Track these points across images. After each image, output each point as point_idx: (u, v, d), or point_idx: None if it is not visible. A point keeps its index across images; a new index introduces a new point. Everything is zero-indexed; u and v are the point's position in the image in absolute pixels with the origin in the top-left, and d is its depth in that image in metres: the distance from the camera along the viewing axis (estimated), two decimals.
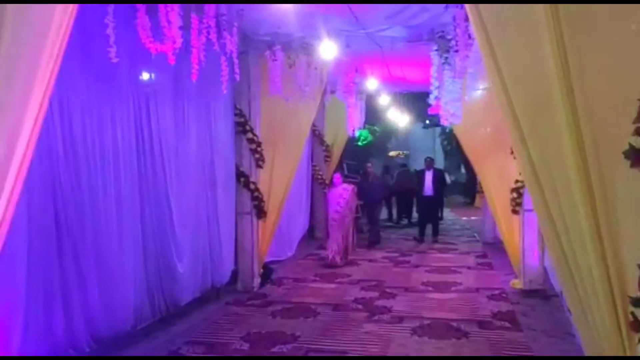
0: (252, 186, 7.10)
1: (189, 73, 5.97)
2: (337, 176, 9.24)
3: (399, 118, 12.39)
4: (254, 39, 6.40)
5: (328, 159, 11.69)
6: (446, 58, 5.67)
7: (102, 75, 4.53)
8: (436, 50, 5.84)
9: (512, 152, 6.58)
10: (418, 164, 21.19)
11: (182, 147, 5.95)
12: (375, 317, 5.91)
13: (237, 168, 7.13)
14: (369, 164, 11.63)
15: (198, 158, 6.34)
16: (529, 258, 6.51)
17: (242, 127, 7.08)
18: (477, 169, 7.00)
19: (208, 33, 4.41)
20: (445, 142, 28.00)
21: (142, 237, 5.27)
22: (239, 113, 7.08)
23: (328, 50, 5.64)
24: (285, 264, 8.89)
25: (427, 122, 24.34)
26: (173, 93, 5.79)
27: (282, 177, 7.25)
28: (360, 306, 6.38)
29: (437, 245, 10.55)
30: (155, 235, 5.49)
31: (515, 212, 6.63)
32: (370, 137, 27.16)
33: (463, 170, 26.28)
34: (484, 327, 5.51)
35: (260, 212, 7.20)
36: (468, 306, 6.25)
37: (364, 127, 13.21)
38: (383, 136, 29.20)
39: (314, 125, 9.45)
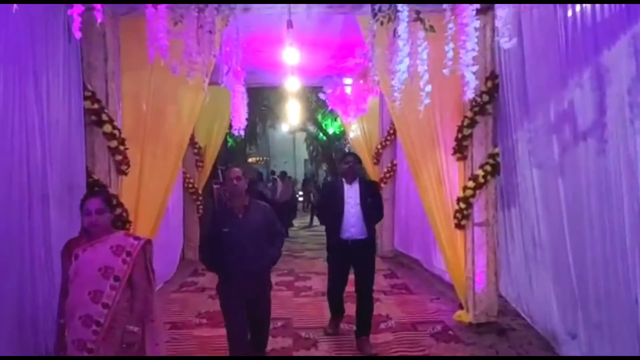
0: (112, 201, 4.94)
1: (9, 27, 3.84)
2: (94, 202, 3.15)
3: (291, 115, 10.70)
4: None
5: (200, 165, 9.64)
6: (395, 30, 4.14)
7: None
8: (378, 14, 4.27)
9: (454, 153, 5.34)
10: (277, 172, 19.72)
11: None
12: None
13: (89, 175, 4.93)
14: (236, 169, 4.06)
15: (22, 160, 4.06)
16: (481, 285, 5.25)
17: (97, 116, 4.90)
18: (412, 171, 5.59)
19: None
20: (311, 148, 27.15)
21: None
22: (91, 96, 4.90)
23: None
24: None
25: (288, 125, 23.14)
26: None
27: (156, 187, 5.18)
28: None
29: None
30: None
31: (459, 226, 5.35)
32: (230, 140, 25.27)
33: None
34: None
35: None
36: (416, 352, 4.79)
37: None
38: (242, 140, 27.46)
39: None
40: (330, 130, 22.36)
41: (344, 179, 5.11)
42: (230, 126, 8.92)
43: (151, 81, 5.06)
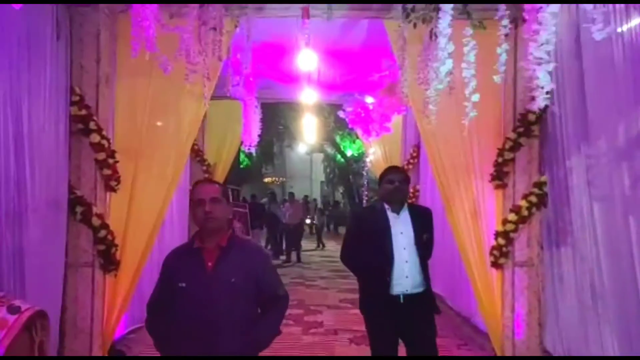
0: (95, 221, 4.32)
1: None
2: None
3: (308, 133, 10.08)
4: None
5: None
6: (432, 31, 3.52)
7: None
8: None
9: (492, 179, 4.64)
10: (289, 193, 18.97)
11: None
12: None
13: (72, 190, 4.32)
14: (215, 186, 2.70)
15: None
16: (521, 335, 4.48)
17: (84, 124, 4.30)
18: (443, 199, 4.88)
19: None
20: (328, 170, 26.56)
21: None
22: (78, 101, 4.31)
23: None
24: (145, 332, 6.06)
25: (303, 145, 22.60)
26: None
27: (149, 207, 4.54)
28: None
29: (351, 295, 8.24)
30: None
31: (496, 265, 4.60)
32: (246, 160, 24.77)
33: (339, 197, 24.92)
34: None
35: (110, 263, 4.42)
36: None
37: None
38: (258, 160, 26.96)
39: None
40: (349, 153, 21.77)
41: (386, 205, 3.62)
42: (242, 142, 8.40)
43: (150, 87, 4.46)
